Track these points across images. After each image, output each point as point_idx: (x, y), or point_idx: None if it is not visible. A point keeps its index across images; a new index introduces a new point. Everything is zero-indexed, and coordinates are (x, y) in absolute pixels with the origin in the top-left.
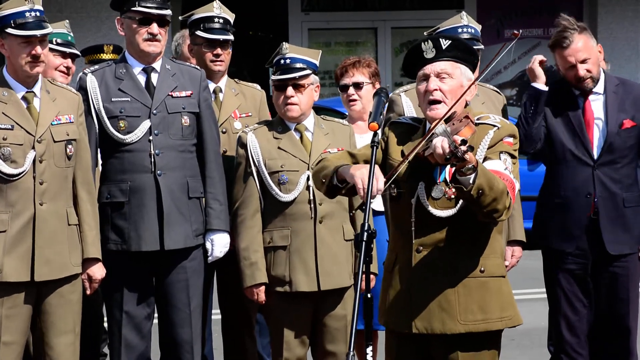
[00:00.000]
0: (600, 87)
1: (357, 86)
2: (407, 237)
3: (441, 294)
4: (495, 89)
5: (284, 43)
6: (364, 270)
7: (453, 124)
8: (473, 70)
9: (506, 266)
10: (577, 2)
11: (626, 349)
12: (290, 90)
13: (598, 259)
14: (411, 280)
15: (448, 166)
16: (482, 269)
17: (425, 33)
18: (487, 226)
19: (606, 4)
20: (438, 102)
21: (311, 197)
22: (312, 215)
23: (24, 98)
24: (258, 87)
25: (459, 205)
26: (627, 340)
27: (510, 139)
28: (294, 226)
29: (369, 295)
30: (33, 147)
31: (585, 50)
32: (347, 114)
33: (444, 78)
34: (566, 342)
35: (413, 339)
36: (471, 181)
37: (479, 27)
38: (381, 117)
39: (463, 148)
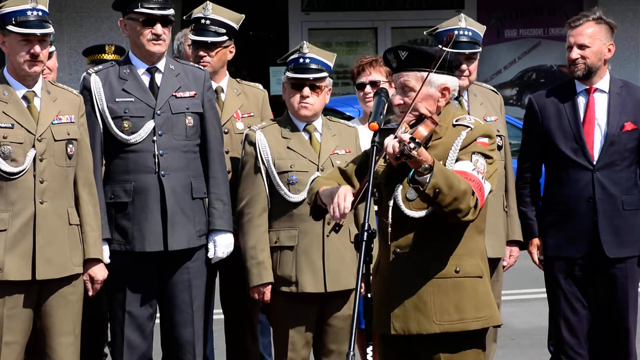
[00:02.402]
0: (605, 86)
1: (374, 84)
2: (386, 239)
3: (417, 295)
4: (492, 88)
5: (304, 42)
6: (364, 270)
7: (418, 126)
8: (451, 74)
9: (504, 266)
10: (577, 2)
11: (625, 349)
12: (306, 90)
13: (598, 261)
14: (389, 282)
15: None
16: (457, 269)
17: (425, 33)
18: (461, 227)
19: (606, 4)
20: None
21: None
22: None
23: (24, 97)
24: (260, 86)
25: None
26: (627, 341)
27: (485, 139)
28: (302, 227)
29: (369, 295)
30: (33, 146)
31: (589, 37)
32: (347, 114)
33: (406, 91)
34: (566, 342)
35: (396, 340)
36: (427, 180)
37: (481, 29)
38: (381, 117)
39: (411, 145)
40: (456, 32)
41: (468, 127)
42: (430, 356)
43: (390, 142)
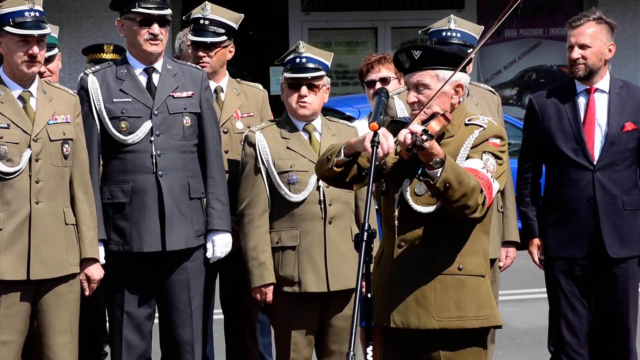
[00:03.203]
0: (605, 86)
1: (384, 81)
2: (392, 232)
3: (418, 289)
4: (490, 88)
5: (300, 42)
6: (363, 270)
7: (430, 123)
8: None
9: (500, 267)
10: (577, 2)
11: (625, 349)
12: (304, 90)
13: (599, 261)
14: (392, 275)
15: None
16: (460, 266)
17: (419, 32)
18: (468, 225)
19: (606, 4)
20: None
21: (321, 198)
22: (322, 216)
23: (20, 97)
24: (260, 86)
25: (440, 202)
26: (627, 340)
27: (497, 140)
28: (304, 226)
29: (369, 295)
30: (29, 146)
31: (590, 37)
32: (347, 114)
33: (421, 89)
34: (566, 342)
35: (397, 334)
36: (438, 175)
37: (476, 29)
38: (381, 117)
39: (423, 137)
40: (445, 34)
41: (481, 126)
42: (430, 352)
43: (403, 133)
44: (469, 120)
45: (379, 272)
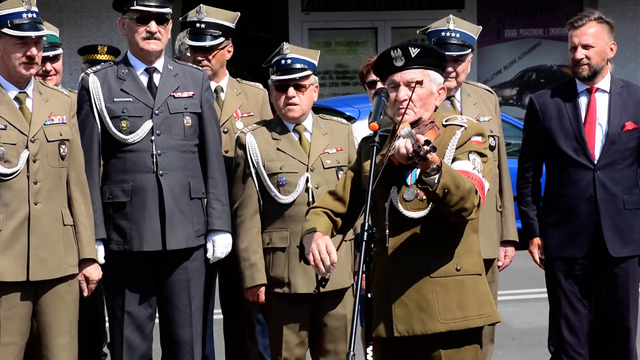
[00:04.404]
0: (606, 85)
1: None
2: (383, 242)
3: (419, 295)
4: (487, 88)
5: (284, 43)
6: (364, 270)
7: (419, 128)
8: (442, 73)
9: (499, 266)
10: (577, 2)
11: (626, 349)
12: (291, 91)
13: (599, 261)
14: (389, 284)
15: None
16: (458, 267)
17: (417, 32)
18: (460, 225)
19: (606, 4)
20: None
21: (310, 199)
22: None
23: (16, 99)
24: (260, 86)
25: (430, 206)
26: (627, 340)
27: (479, 138)
28: (293, 228)
29: (369, 295)
30: (27, 147)
31: (592, 36)
32: (347, 114)
33: (412, 87)
34: (566, 342)
35: (395, 342)
36: (436, 181)
37: (475, 29)
38: (381, 117)
39: (426, 148)
40: (444, 34)
41: (462, 126)
42: (430, 354)
43: (402, 143)
44: (446, 121)
45: (374, 285)
